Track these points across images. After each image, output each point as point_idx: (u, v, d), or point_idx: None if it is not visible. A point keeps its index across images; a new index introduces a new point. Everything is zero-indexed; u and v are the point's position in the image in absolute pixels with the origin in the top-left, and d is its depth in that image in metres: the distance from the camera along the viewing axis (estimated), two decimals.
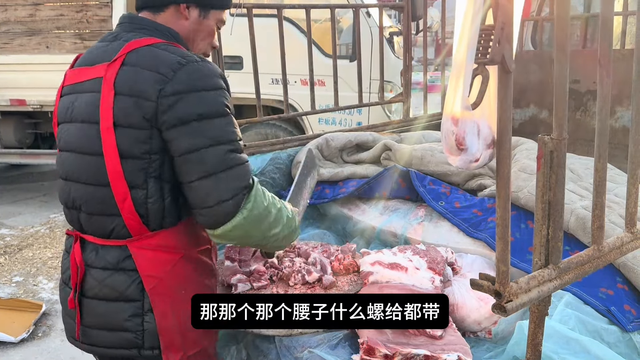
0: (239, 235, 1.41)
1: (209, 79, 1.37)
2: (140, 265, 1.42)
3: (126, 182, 1.38)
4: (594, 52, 1.18)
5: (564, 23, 1.00)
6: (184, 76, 1.34)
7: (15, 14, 5.67)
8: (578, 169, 2.21)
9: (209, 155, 1.34)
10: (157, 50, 1.40)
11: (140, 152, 1.37)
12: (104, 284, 1.45)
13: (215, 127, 1.36)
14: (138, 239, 1.43)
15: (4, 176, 7.56)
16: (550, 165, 1.05)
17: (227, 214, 1.36)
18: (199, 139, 1.34)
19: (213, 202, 1.35)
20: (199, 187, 1.35)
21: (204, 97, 1.35)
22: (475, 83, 0.90)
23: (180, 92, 1.34)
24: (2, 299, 3.84)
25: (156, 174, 1.39)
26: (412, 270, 1.65)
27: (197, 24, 1.53)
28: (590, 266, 1.20)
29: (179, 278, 1.47)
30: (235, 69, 4.96)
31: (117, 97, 1.36)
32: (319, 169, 2.01)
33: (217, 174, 1.35)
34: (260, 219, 1.42)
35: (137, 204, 1.40)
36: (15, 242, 5.10)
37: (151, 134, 1.36)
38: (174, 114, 1.33)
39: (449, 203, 2.12)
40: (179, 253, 1.47)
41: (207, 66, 1.39)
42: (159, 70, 1.35)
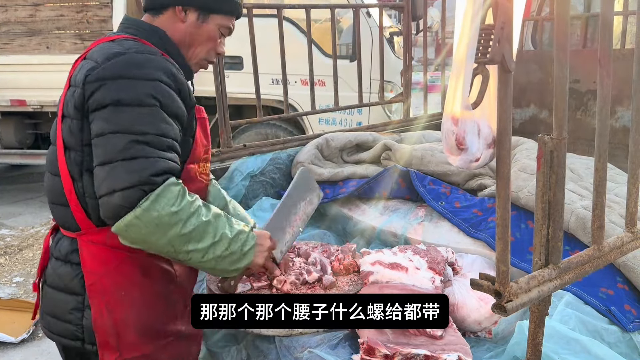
0: (137, 238, 1.26)
1: (140, 68, 1.30)
2: (83, 260, 1.41)
3: (69, 174, 1.37)
4: (594, 52, 1.18)
5: (564, 23, 1.00)
6: (114, 64, 1.30)
7: (15, 15, 5.67)
8: (578, 169, 2.21)
9: (112, 142, 1.26)
10: (111, 44, 1.38)
11: (75, 143, 1.35)
12: (55, 273, 1.46)
13: (129, 115, 1.27)
14: (86, 233, 1.41)
15: (4, 176, 7.56)
16: (550, 165, 1.05)
17: (116, 207, 1.23)
18: (109, 124, 1.27)
19: (103, 191, 1.24)
20: (97, 174, 1.27)
21: (127, 85, 1.28)
22: (475, 83, 0.90)
23: (105, 79, 1.29)
24: (3, 300, 3.84)
25: (89, 167, 1.34)
26: (413, 270, 1.65)
27: (194, 28, 1.48)
28: (591, 266, 1.20)
29: (120, 278, 1.41)
30: (235, 69, 4.96)
31: (68, 90, 1.39)
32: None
33: (114, 162, 1.24)
34: (162, 224, 1.25)
35: (79, 197, 1.38)
36: (16, 243, 5.09)
37: (82, 125, 1.34)
38: (95, 99, 1.29)
39: (449, 203, 2.12)
40: (123, 253, 1.40)
41: (146, 57, 1.33)
42: (96, 59, 1.34)
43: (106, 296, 1.40)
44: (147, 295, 1.44)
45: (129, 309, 1.42)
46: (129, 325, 1.41)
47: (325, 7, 3.25)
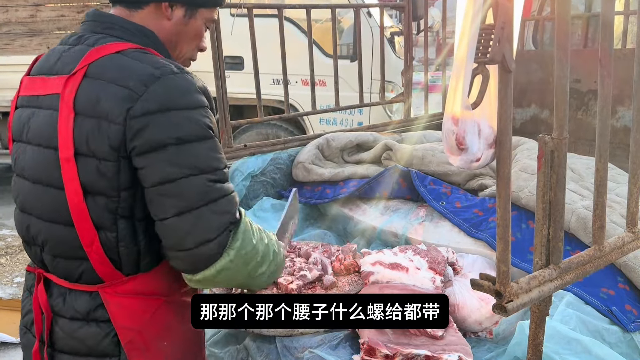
0: (223, 280, 1.20)
1: (187, 95, 1.15)
2: (113, 316, 1.21)
3: (92, 224, 1.16)
4: (595, 52, 1.18)
5: (564, 22, 1.00)
6: (158, 92, 1.12)
7: (16, 15, 5.67)
8: (579, 169, 2.21)
9: (188, 187, 1.12)
10: (126, 58, 1.16)
11: (107, 187, 1.14)
12: (72, 337, 1.24)
13: (195, 153, 1.13)
14: (111, 285, 1.21)
15: (4, 177, 7.56)
16: (551, 164, 1.05)
17: (210, 257, 1.14)
18: (176, 168, 1.11)
19: (193, 244, 1.12)
20: (176, 226, 1.13)
21: (181, 118, 1.12)
22: (475, 82, 0.90)
23: (154, 112, 1.11)
24: (4, 300, 3.84)
25: (127, 213, 1.18)
26: (413, 271, 1.65)
27: (181, 25, 1.29)
28: (592, 266, 1.20)
29: (160, 328, 1.27)
30: (236, 69, 4.96)
31: (78, 119, 1.13)
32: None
33: (198, 209, 1.12)
34: (248, 259, 1.21)
35: (107, 249, 1.19)
36: (17, 243, 5.10)
37: (119, 167, 1.13)
38: (146, 139, 1.11)
39: (449, 203, 2.11)
40: (159, 299, 1.26)
41: (186, 79, 1.16)
42: (127, 85, 1.12)
43: (147, 351, 1.25)
44: (183, 339, 1.33)
45: (174, 357, 1.30)
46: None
47: (326, 7, 3.25)
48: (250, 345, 1.68)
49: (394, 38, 5.40)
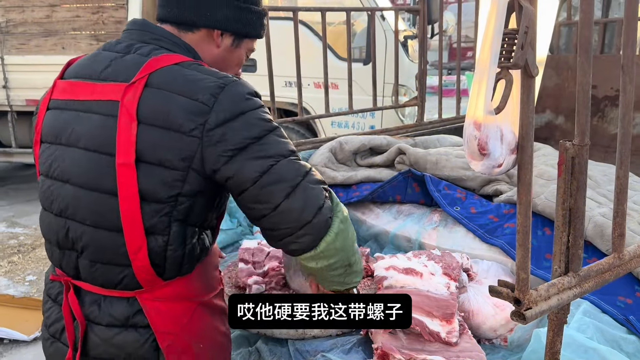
0: (339, 247, 1.24)
1: (249, 99, 1.21)
2: (153, 321, 1.23)
3: (144, 230, 1.18)
4: (612, 58, 1.17)
5: (588, 28, 0.98)
6: (226, 101, 1.18)
7: (32, 15, 5.74)
8: (596, 176, 2.18)
9: (284, 169, 1.18)
10: (187, 70, 1.21)
11: (168, 195, 1.18)
12: (110, 344, 1.24)
13: (273, 142, 1.20)
14: (149, 290, 1.24)
15: (18, 175, 7.64)
16: (571, 171, 1.03)
17: (326, 222, 1.21)
18: (266, 159, 1.18)
19: (311, 215, 1.19)
20: (291, 206, 1.18)
21: (251, 119, 1.19)
22: (498, 87, 0.89)
23: (227, 120, 1.17)
24: (16, 298, 3.87)
25: (182, 217, 1.21)
26: (427, 276, 1.64)
27: (227, 53, 1.37)
28: (611, 274, 1.18)
29: (196, 331, 1.30)
30: (248, 72, 4.97)
31: (142, 127, 1.16)
32: None
33: (301, 184, 1.19)
34: (349, 222, 1.29)
35: (154, 254, 1.21)
36: (29, 241, 5.14)
37: (186, 176, 1.17)
38: (228, 145, 1.16)
39: (464, 208, 2.10)
40: (194, 302, 1.30)
41: (243, 84, 1.23)
42: (197, 97, 1.16)
43: (186, 354, 1.27)
44: (219, 340, 1.37)
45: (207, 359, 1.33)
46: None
47: (341, 10, 3.25)
48: (262, 348, 1.68)
49: (407, 42, 5.39)
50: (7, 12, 5.78)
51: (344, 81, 3.14)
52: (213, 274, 1.39)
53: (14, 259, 4.74)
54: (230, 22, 1.33)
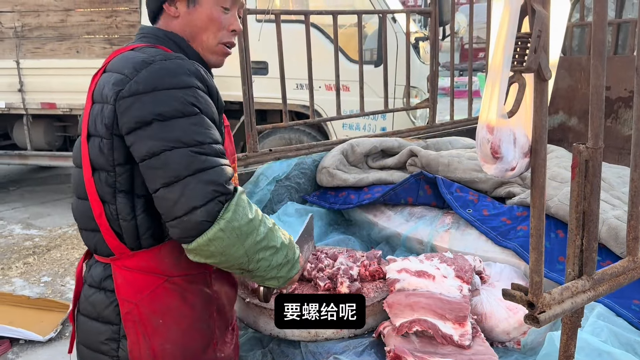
0: (218, 251, 1.21)
1: (173, 77, 1.22)
2: (117, 287, 1.32)
3: (99, 197, 1.29)
4: (626, 58, 1.16)
5: (601, 30, 0.98)
6: (146, 75, 1.22)
7: (47, 20, 5.82)
8: (610, 178, 2.17)
9: (172, 159, 1.18)
10: (134, 52, 1.30)
11: (106, 163, 1.27)
12: (88, 301, 1.37)
13: (178, 127, 1.20)
14: (119, 258, 1.32)
15: (33, 178, 7.73)
16: (585, 174, 1.03)
17: (199, 224, 1.18)
18: (160, 142, 1.19)
19: (182, 211, 1.18)
20: (165, 196, 1.19)
21: (166, 96, 1.20)
22: (511, 91, 0.89)
23: (139, 92, 1.21)
24: (31, 299, 3.92)
25: (125, 188, 1.28)
26: (440, 279, 1.63)
27: (188, 17, 1.37)
28: (625, 278, 1.17)
29: (157, 306, 1.32)
30: (260, 74, 5.00)
31: (92, 107, 1.31)
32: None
33: (185, 179, 1.18)
34: (242, 234, 1.22)
35: (111, 221, 1.30)
36: (44, 243, 5.20)
37: (113, 143, 1.26)
38: (132, 116, 1.21)
39: (476, 211, 2.09)
40: (160, 278, 1.33)
41: (176, 63, 1.25)
42: (123, 72, 1.25)
43: (142, 325, 1.32)
44: (184, 322, 1.36)
45: (167, 338, 1.34)
46: (167, 355, 1.34)
47: (352, 13, 3.25)
48: (275, 350, 1.69)
49: (418, 43, 5.38)
50: (23, 17, 5.87)
51: (355, 83, 3.14)
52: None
53: (29, 260, 4.80)
54: None
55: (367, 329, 1.68)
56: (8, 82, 5.98)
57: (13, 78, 5.95)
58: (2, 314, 3.67)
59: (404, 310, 1.58)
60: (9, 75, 5.95)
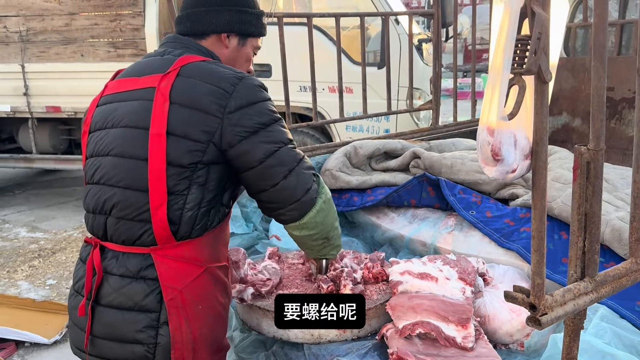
0: (320, 221, 1.52)
1: (260, 91, 1.47)
2: (162, 275, 1.40)
3: (166, 189, 1.39)
4: (629, 59, 1.16)
5: (602, 33, 0.98)
6: (243, 91, 1.43)
7: (51, 24, 5.84)
8: (613, 179, 2.16)
9: (284, 155, 1.45)
10: (211, 65, 1.48)
11: (189, 162, 1.40)
12: (120, 292, 1.41)
13: (278, 131, 1.46)
14: (162, 248, 1.41)
15: (38, 181, 7.77)
16: (587, 176, 1.03)
17: (312, 200, 1.49)
18: (271, 145, 1.43)
19: (301, 194, 1.46)
20: (286, 185, 1.45)
21: (262, 108, 1.45)
22: (511, 93, 0.90)
23: (243, 106, 1.42)
24: (37, 302, 3.94)
25: (201, 180, 1.42)
26: (443, 281, 1.63)
27: (236, 52, 1.63)
28: (628, 279, 1.17)
29: (198, 292, 1.44)
30: (263, 77, 5.01)
31: (173, 107, 1.40)
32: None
33: (296, 169, 1.46)
34: (331, 203, 1.57)
35: (172, 211, 1.40)
36: (49, 246, 5.23)
37: (207, 148, 1.40)
38: (243, 127, 1.41)
39: (480, 212, 2.09)
40: (201, 266, 1.45)
41: (256, 80, 1.49)
42: (219, 85, 1.41)
43: (185, 310, 1.41)
44: (216, 309, 1.50)
45: (205, 324, 1.46)
46: (205, 340, 1.46)
47: (355, 15, 3.26)
48: (278, 352, 1.69)
49: (421, 45, 5.38)
50: (28, 21, 5.90)
51: (358, 85, 3.15)
52: (221, 247, 1.55)
53: (34, 263, 4.82)
54: (232, 25, 1.60)
55: (370, 332, 1.68)
56: (13, 86, 6.00)
57: (18, 82, 5.97)
58: (8, 316, 3.69)
59: (407, 313, 1.58)
60: (14, 79, 5.98)
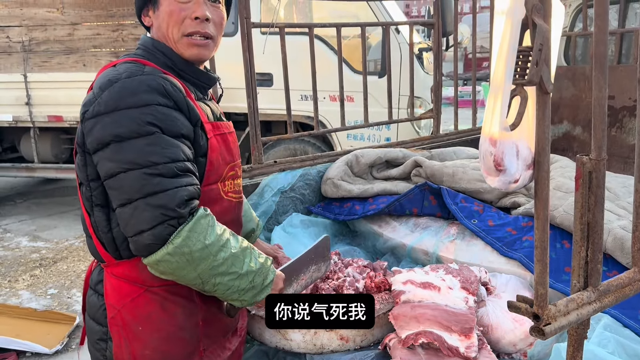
0: (168, 272, 1.26)
1: (132, 96, 1.24)
2: (106, 292, 1.40)
3: (84, 208, 1.39)
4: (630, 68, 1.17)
5: (602, 43, 0.99)
6: (107, 95, 1.25)
7: (54, 34, 5.88)
8: (615, 188, 2.16)
9: (126, 181, 1.22)
10: (111, 70, 1.33)
11: (83, 178, 1.35)
12: (88, 301, 1.48)
13: (133, 148, 1.22)
14: (108, 265, 1.40)
15: (40, 190, 7.77)
16: (589, 186, 1.03)
17: (146, 247, 1.22)
18: (116, 163, 1.23)
19: (132, 232, 1.24)
20: (120, 216, 1.26)
21: (123, 116, 1.23)
22: (513, 104, 0.90)
23: (100, 114, 1.25)
24: (38, 311, 3.93)
25: (100, 202, 1.34)
26: (445, 290, 1.63)
27: (156, 21, 1.41)
28: (631, 289, 1.17)
29: (137, 313, 1.38)
30: (265, 86, 5.02)
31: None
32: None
33: (134, 202, 1.22)
34: (193, 260, 1.24)
35: (95, 231, 1.38)
36: (51, 255, 5.22)
37: (85, 160, 1.33)
38: (94, 137, 1.26)
39: (482, 221, 2.09)
40: (140, 287, 1.38)
41: (138, 80, 1.26)
42: (93, 91, 1.30)
43: (124, 330, 1.38)
44: (165, 330, 1.39)
45: (147, 344, 1.39)
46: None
47: (356, 25, 3.28)
48: None
49: (422, 54, 5.40)
50: (30, 31, 5.93)
51: (359, 94, 3.16)
52: None
53: (35, 273, 4.81)
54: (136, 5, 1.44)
55: (372, 341, 1.68)
56: (15, 96, 6.03)
57: (20, 91, 6.00)
58: (9, 326, 3.68)
59: (410, 322, 1.58)
60: (16, 89, 6.01)
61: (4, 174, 6.77)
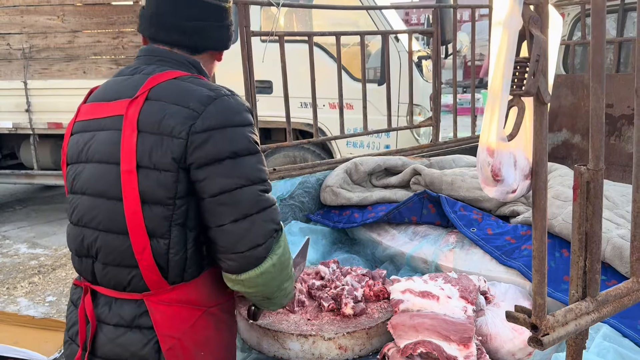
0: (263, 283, 1.29)
1: (238, 114, 1.29)
2: (157, 323, 1.29)
3: (146, 231, 1.26)
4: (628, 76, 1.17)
5: (600, 53, 0.99)
6: (215, 111, 1.25)
7: (54, 41, 5.90)
8: (614, 196, 2.16)
9: (243, 196, 1.25)
10: (183, 83, 1.31)
11: (165, 197, 1.25)
12: (115, 343, 1.31)
13: (248, 165, 1.26)
14: (156, 293, 1.30)
15: (39, 197, 7.77)
16: (586, 196, 1.03)
17: (257, 260, 1.26)
18: (233, 179, 1.24)
19: (246, 247, 1.25)
20: (232, 231, 1.25)
21: (235, 134, 1.26)
22: (510, 114, 0.90)
23: (212, 128, 1.24)
24: (36, 319, 3.90)
25: (180, 221, 1.28)
26: (444, 299, 1.63)
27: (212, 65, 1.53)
28: (630, 299, 1.17)
29: (198, 338, 1.33)
30: (265, 93, 5.03)
31: (141, 136, 1.25)
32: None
33: (251, 216, 1.25)
34: (284, 267, 1.32)
35: (157, 255, 1.27)
36: (49, 262, 5.21)
37: (178, 177, 1.25)
38: (206, 152, 1.23)
39: (481, 230, 2.09)
40: (199, 309, 1.34)
41: (237, 100, 1.31)
42: (188, 105, 1.25)
43: (185, 359, 1.32)
44: (221, 351, 1.40)
45: None
46: None
47: (355, 34, 3.29)
48: None
49: (421, 62, 5.42)
50: (31, 38, 5.95)
51: (358, 102, 3.17)
52: (221, 284, 1.38)
53: (34, 280, 4.80)
54: (225, 42, 1.47)
55: (371, 350, 1.67)
56: (15, 103, 6.04)
57: (20, 98, 6.01)
58: (7, 334, 3.66)
59: (408, 332, 1.57)
60: (16, 96, 6.02)
61: (4, 180, 6.77)
